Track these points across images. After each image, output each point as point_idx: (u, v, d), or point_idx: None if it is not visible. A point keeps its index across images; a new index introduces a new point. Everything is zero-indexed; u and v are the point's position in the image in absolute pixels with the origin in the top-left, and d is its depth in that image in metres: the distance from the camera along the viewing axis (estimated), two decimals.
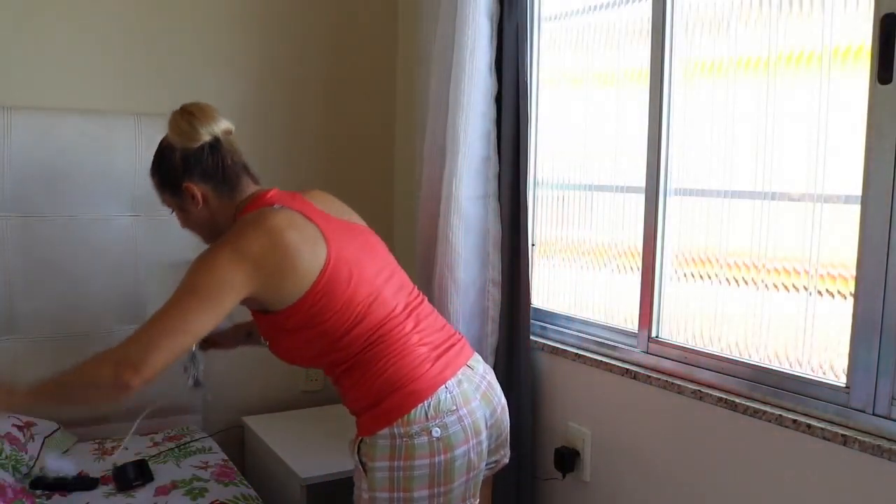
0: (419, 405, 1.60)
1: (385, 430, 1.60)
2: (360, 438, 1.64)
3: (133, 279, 2.31)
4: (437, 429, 1.60)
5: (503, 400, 1.78)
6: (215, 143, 1.67)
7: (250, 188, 1.71)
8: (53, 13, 2.24)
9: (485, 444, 1.69)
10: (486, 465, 1.75)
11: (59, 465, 1.99)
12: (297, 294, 1.57)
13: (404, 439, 1.59)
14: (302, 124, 2.65)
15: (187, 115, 1.68)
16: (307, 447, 2.28)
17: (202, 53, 2.46)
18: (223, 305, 1.55)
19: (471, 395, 1.67)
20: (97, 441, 2.26)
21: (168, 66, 2.41)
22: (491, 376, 1.79)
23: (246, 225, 1.61)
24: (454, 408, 1.63)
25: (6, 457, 1.89)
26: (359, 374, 1.67)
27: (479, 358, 1.80)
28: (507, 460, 1.85)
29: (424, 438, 1.60)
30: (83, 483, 1.95)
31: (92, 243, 2.25)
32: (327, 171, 2.68)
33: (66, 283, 2.22)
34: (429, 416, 1.60)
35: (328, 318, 1.61)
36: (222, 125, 1.70)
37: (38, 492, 1.90)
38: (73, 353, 2.21)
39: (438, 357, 1.69)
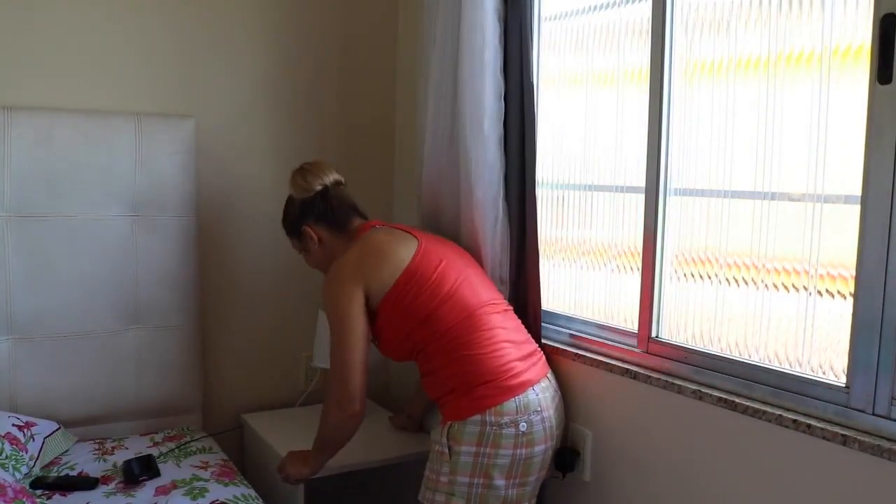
0: (512, 398, 1.76)
1: (476, 417, 1.75)
2: (449, 423, 1.78)
3: (133, 279, 2.31)
4: (524, 423, 1.76)
5: (565, 418, 1.95)
6: (325, 192, 2.02)
7: (357, 222, 2.03)
8: (54, 13, 2.24)
9: (552, 451, 1.87)
10: None
11: None
12: (394, 276, 1.84)
13: (494, 428, 1.75)
14: (302, 124, 2.65)
15: (302, 171, 2.03)
16: (306, 445, 2.28)
17: (203, 54, 2.46)
18: (358, 313, 1.85)
19: (550, 404, 1.84)
20: (97, 441, 2.26)
21: (168, 67, 2.41)
22: (560, 393, 1.94)
23: (347, 251, 1.94)
24: (539, 409, 1.80)
25: (6, 457, 1.89)
26: (448, 356, 1.83)
27: (553, 375, 1.95)
28: (550, 473, 1.96)
29: (512, 430, 1.75)
30: (83, 483, 1.95)
31: (92, 243, 2.25)
32: None
33: (66, 282, 2.22)
34: (518, 411, 1.76)
35: (421, 292, 1.83)
36: (332, 177, 2.04)
37: (39, 492, 1.90)
38: (72, 353, 2.23)
39: (526, 359, 1.85)
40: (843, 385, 1.46)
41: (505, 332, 1.86)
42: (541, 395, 1.81)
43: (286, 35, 2.58)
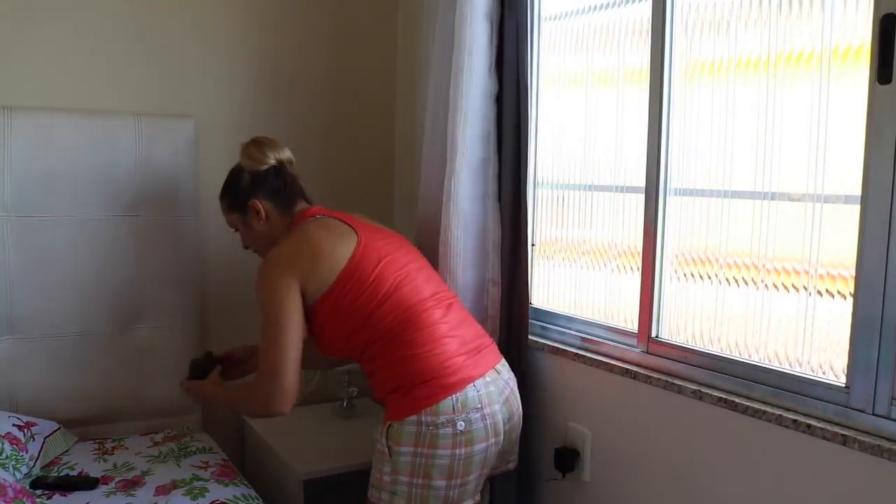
0: (449, 397, 1.72)
1: (413, 417, 1.72)
2: (388, 423, 1.76)
3: (133, 279, 2.31)
4: (462, 422, 1.72)
5: (520, 409, 1.90)
6: (279, 168, 1.97)
7: (301, 205, 1.98)
8: (54, 13, 2.24)
9: (499, 447, 1.81)
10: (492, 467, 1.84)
11: None
12: (332, 276, 1.79)
13: (430, 428, 1.71)
14: (302, 125, 2.64)
15: (257, 143, 1.98)
16: (306, 444, 2.29)
17: (203, 54, 2.46)
18: (292, 307, 1.79)
19: (495, 398, 1.79)
20: (97, 441, 2.26)
21: (168, 67, 2.41)
22: (514, 383, 1.90)
23: (283, 241, 1.89)
24: (479, 406, 1.75)
25: (6, 457, 1.89)
26: (389, 356, 1.79)
27: (506, 364, 1.90)
28: (512, 466, 1.95)
29: (449, 430, 1.71)
30: (84, 483, 1.95)
31: (92, 243, 2.25)
32: (327, 172, 2.68)
33: (66, 283, 2.22)
34: (455, 410, 1.72)
35: (360, 294, 1.79)
36: (286, 154, 2.00)
37: (39, 492, 1.90)
38: (72, 353, 2.23)
39: (469, 354, 1.81)
40: (843, 385, 1.46)
41: (447, 328, 1.81)
42: (482, 390, 1.75)
43: (286, 35, 2.58)
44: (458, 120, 2.04)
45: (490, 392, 1.77)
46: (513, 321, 2.10)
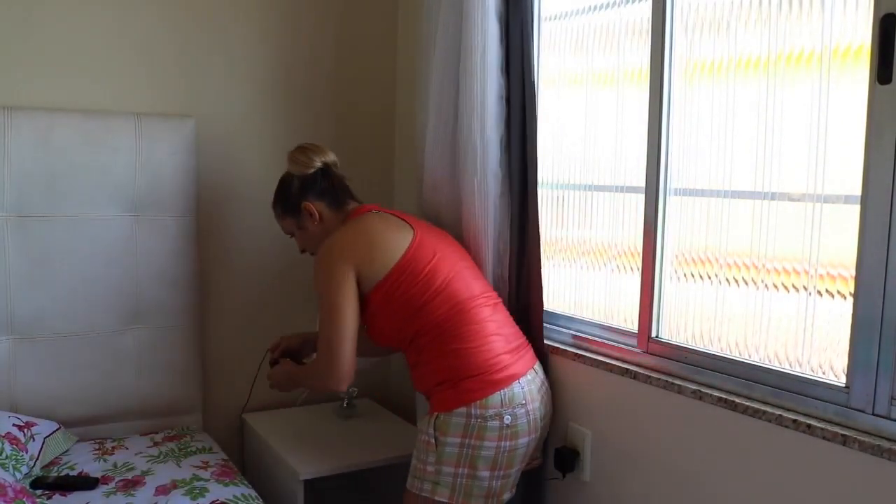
0: (497, 392, 1.80)
1: (462, 409, 1.79)
2: (435, 414, 1.82)
3: (133, 279, 2.31)
4: (509, 416, 1.80)
5: (552, 408, 1.98)
6: (326, 169, 2.03)
7: (353, 205, 2.05)
8: (54, 13, 2.24)
9: (536, 443, 1.90)
10: None
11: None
12: (387, 265, 1.85)
13: (479, 420, 1.78)
14: (302, 124, 2.65)
15: (303, 149, 2.04)
16: (306, 444, 2.29)
17: (203, 54, 2.46)
18: (349, 292, 1.86)
19: (536, 395, 1.87)
20: (97, 441, 2.26)
21: (168, 67, 2.41)
22: (548, 384, 1.97)
23: (341, 230, 1.96)
24: (524, 402, 1.83)
25: (6, 457, 1.89)
26: (438, 349, 1.86)
27: (541, 366, 1.97)
28: (537, 464, 2.02)
29: (496, 423, 1.78)
30: (84, 483, 1.95)
31: (92, 243, 2.25)
32: None
33: (66, 283, 2.22)
34: (504, 404, 1.80)
35: (413, 284, 1.85)
36: (330, 156, 2.06)
37: (39, 492, 1.90)
38: (72, 353, 2.23)
39: (513, 352, 1.88)
40: (843, 385, 1.46)
41: (495, 325, 1.89)
42: (526, 387, 1.84)
43: (286, 35, 2.58)
44: (478, 121, 2.03)
45: (532, 390, 1.86)
46: (526, 321, 2.08)
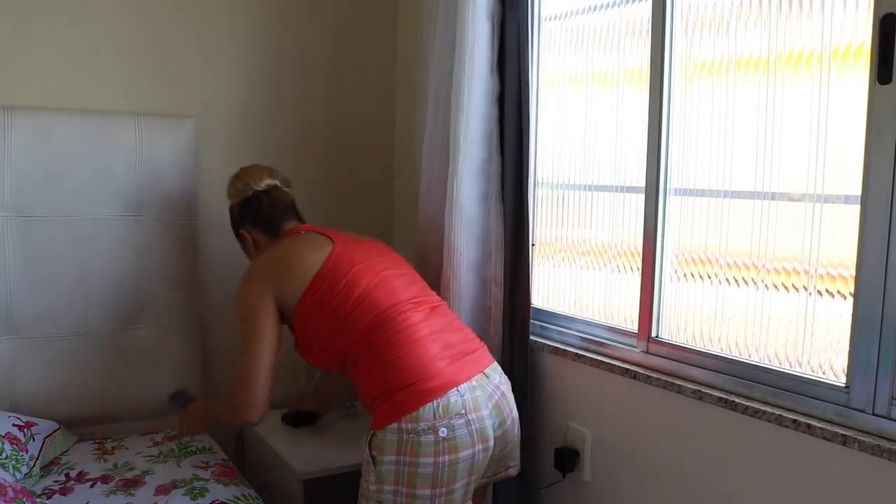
0: (429, 403, 1.67)
1: (394, 425, 1.67)
2: (371, 432, 1.72)
3: (133, 279, 2.31)
4: (444, 429, 1.66)
5: (515, 413, 1.84)
6: (257, 196, 2.04)
7: (290, 226, 2.04)
8: (54, 13, 2.24)
9: (489, 453, 1.75)
10: (486, 474, 1.81)
11: None
12: (305, 282, 1.83)
13: (411, 435, 1.66)
14: (302, 124, 2.65)
15: (236, 176, 2.08)
16: (306, 444, 2.28)
17: (203, 54, 2.46)
18: (268, 318, 1.86)
19: (482, 403, 1.73)
20: (97, 441, 2.26)
21: (168, 66, 2.41)
22: (506, 387, 1.84)
23: (262, 254, 2.00)
24: (463, 411, 1.69)
25: (6, 457, 1.89)
26: (368, 362, 1.77)
27: (498, 367, 1.86)
28: (513, 472, 1.90)
29: (431, 437, 1.66)
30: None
31: (92, 243, 2.25)
32: (327, 172, 2.68)
33: (66, 283, 2.22)
34: (437, 416, 1.66)
35: (332, 298, 1.80)
36: (265, 182, 2.06)
37: (39, 491, 1.90)
38: (73, 353, 2.23)
39: (454, 358, 1.76)
40: (843, 385, 1.46)
41: (427, 330, 1.77)
42: (467, 395, 1.70)
43: (286, 35, 2.58)
44: (461, 120, 2.04)
45: (476, 397, 1.72)
46: (515, 321, 2.10)
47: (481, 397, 1.73)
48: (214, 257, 2.53)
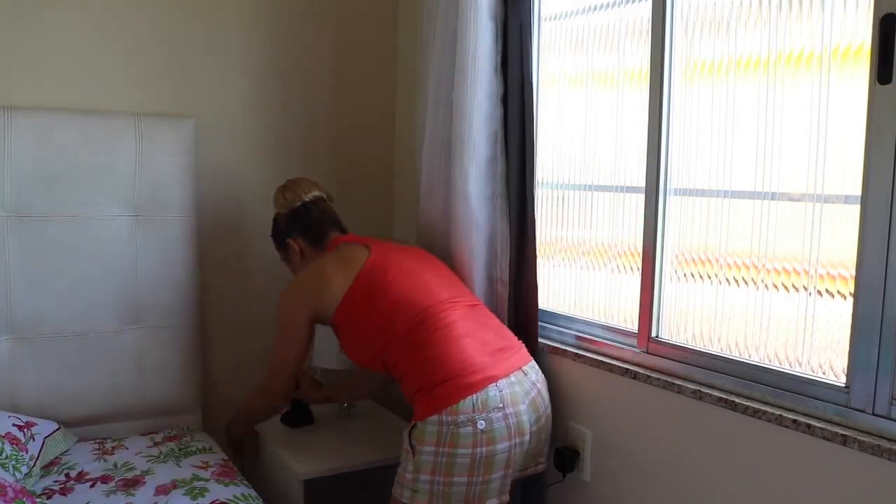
0: (468, 397, 1.75)
1: (434, 417, 1.75)
2: (413, 423, 1.80)
3: (133, 279, 2.31)
4: (483, 421, 1.74)
5: (549, 410, 1.92)
6: (306, 207, 2.15)
7: (333, 236, 2.14)
8: (54, 13, 2.24)
9: (525, 447, 1.82)
10: (517, 468, 1.85)
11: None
12: (342, 289, 1.94)
13: (451, 427, 1.74)
14: (302, 125, 2.65)
15: (283, 188, 2.19)
16: (306, 444, 2.28)
17: (203, 54, 2.46)
18: (301, 330, 2.03)
19: (519, 399, 1.81)
20: (97, 441, 2.26)
21: (168, 67, 2.41)
22: (542, 385, 1.91)
23: (302, 269, 2.12)
24: (501, 405, 1.76)
25: (6, 457, 1.89)
26: (409, 360, 1.85)
27: (535, 366, 1.93)
28: (541, 468, 1.96)
29: (469, 429, 1.73)
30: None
31: (92, 243, 2.25)
32: (327, 173, 2.68)
33: (66, 283, 2.22)
34: (476, 409, 1.74)
35: (370, 302, 1.91)
36: (312, 194, 2.17)
37: (39, 491, 1.90)
38: (72, 353, 2.23)
39: (492, 355, 1.83)
40: (843, 385, 1.46)
41: (464, 327, 1.85)
42: (505, 390, 1.78)
43: (286, 35, 2.58)
44: (465, 121, 2.04)
45: (514, 392, 1.79)
46: (521, 321, 2.09)
47: (519, 393, 1.81)
48: (214, 257, 2.53)
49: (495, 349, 1.85)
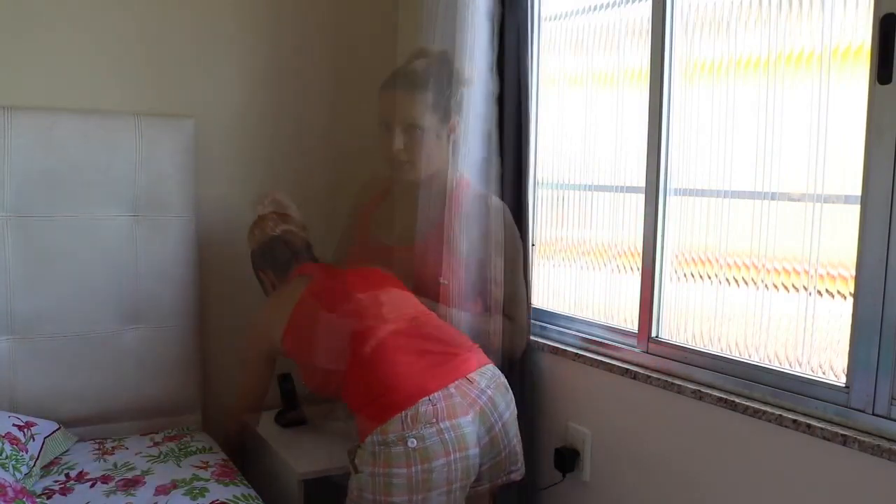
0: (396, 415, 1.66)
1: (368, 438, 1.69)
2: (357, 444, 1.74)
3: (133, 279, 2.31)
4: (414, 440, 1.65)
5: (508, 417, 1.80)
6: (271, 243, 2.23)
7: (296, 266, 2.20)
8: (54, 13, 2.24)
9: (473, 461, 1.71)
10: (483, 480, 1.79)
11: None
12: (283, 323, 2.03)
13: (382, 447, 1.67)
14: (302, 125, 2.64)
15: (252, 225, 2.28)
16: (306, 444, 2.28)
17: (203, 54, 2.46)
18: (258, 357, 2.19)
19: (459, 409, 1.70)
20: (97, 441, 2.26)
21: (168, 67, 2.41)
22: (496, 391, 1.79)
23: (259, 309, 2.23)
24: (433, 420, 1.66)
25: (6, 457, 1.89)
26: (347, 381, 1.84)
27: (489, 372, 1.82)
28: (516, 476, 1.87)
29: (400, 448, 1.65)
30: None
31: (92, 243, 2.25)
32: (327, 173, 2.68)
33: (66, 283, 2.22)
34: (405, 426, 1.65)
35: (310, 333, 1.95)
36: (280, 227, 2.24)
37: (39, 491, 1.90)
38: (72, 352, 2.23)
39: (428, 367, 1.75)
40: (843, 385, 1.46)
41: (397, 342, 1.80)
42: (440, 403, 1.67)
43: (286, 34, 2.58)
44: (461, 120, 2.04)
45: (454, 404, 1.69)
46: (516, 322, 2.10)
47: (460, 404, 1.70)
48: (214, 257, 2.53)
49: (433, 362, 1.77)
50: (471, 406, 1.72)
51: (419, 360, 1.76)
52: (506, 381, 1.86)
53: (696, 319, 1.78)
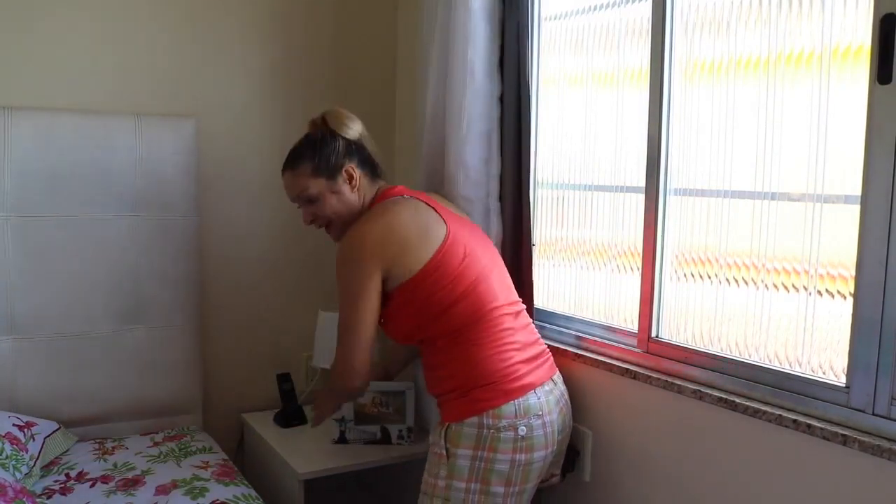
0: (511, 402, 1.70)
1: (474, 419, 1.70)
2: (447, 424, 1.73)
3: (133, 279, 2.31)
4: (524, 427, 1.70)
5: (569, 423, 1.89)
6: (365, 141, 1.91)
7: (381, 184, 1.92)
8: (54, 13, 2.24)
9: (550, 458, 1.80)
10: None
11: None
12: (417, 266, 1.72)
13: (491, 431, 1.69)
14: (303, 124, 2.63)
15: (346, 114, 1.91)
16: (306, 444, 2.29)
17: (203, 54, 2.46)
18: (372, 292, 1.73)
19: (553, 407, 1.78)
20: (97, 441, 2.26)
21: (168, 67, 2.41)
22: (567, 396, 1.89)
23: (370, 217, 1.80)
24: (540, 412, 1.73)
25: (6, 457, 1.89)
26: (454, 353, 1.77)
27: (561, 377, 1.90)
28: (555, 480, 1.93)
29: (510, 434, 1.69)
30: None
31: (92, 243, 2.25)
32: None
33: (66, 283, 2.22)
34: (518, 414, 1.70)
35: (439, 288, 1.72)
36: (364, 129, 1.93)
37: (39, 491, 1.90)
38: (72, 353, 2.23)
39: (530, 361, 1.79)
40: (843, 385, 1.46)
41: (513, 334, 1.79)
42: (543, 398, 1.75)
43: (286, 34, 2.58)
44: (460, 120, 2.04)
45: (549, 401, 1.77)
46: None
47: (552, 402, 1.79)
48: (214, 257, 2.53)
49: (533, 356, 1.81)
50: (557, 405, 1.80)
51: (524, 353, 1.79)
52: None
53: (696, 319, 1.78)
